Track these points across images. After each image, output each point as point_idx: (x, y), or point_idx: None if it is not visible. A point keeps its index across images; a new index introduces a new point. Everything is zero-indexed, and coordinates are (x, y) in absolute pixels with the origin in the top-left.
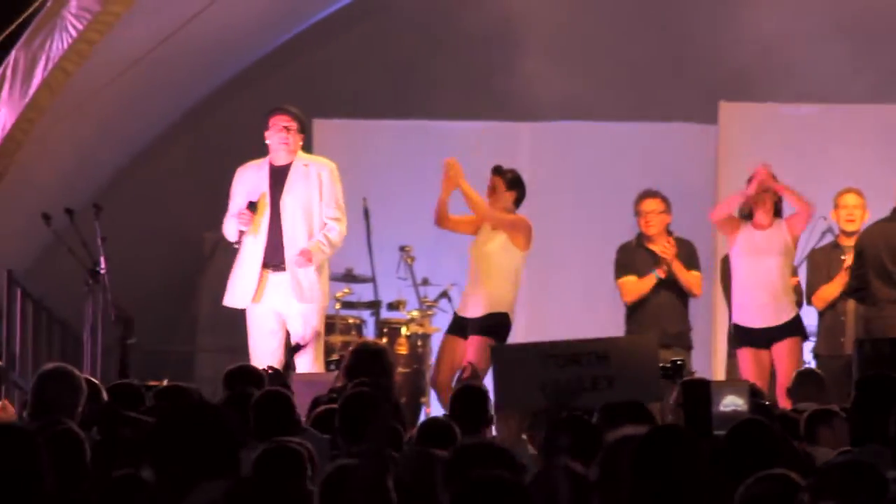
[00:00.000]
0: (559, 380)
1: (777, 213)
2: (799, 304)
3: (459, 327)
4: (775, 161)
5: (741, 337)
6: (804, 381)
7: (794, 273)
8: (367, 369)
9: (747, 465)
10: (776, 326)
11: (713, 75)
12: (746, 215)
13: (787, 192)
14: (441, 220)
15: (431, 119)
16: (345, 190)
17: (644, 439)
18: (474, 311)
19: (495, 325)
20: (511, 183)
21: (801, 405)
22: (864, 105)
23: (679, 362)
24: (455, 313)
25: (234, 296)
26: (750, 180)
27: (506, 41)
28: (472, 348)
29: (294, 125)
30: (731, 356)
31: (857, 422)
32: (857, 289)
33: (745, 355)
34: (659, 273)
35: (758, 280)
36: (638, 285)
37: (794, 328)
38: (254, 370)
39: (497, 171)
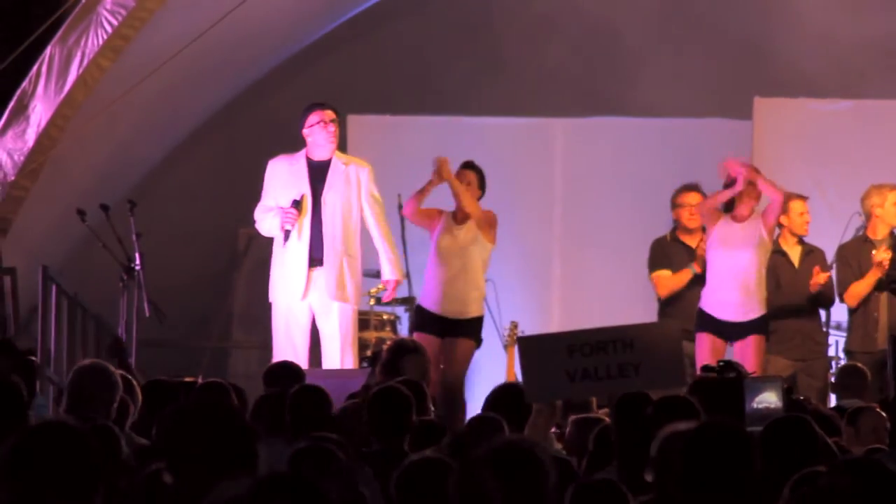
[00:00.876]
0: (587, 368)
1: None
2: (830, 301)
3: (433, 325)
4: (809, 157)
5: (704, 321)
6: (848, 377)
7: (827, 268)
8: (404, 367)
9: (785, 463)
10: (742, 322)
11: (747, 71)
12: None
13: (763, 181)
14: (415, 211)
15: (465, 115)
16: (378, 186)
17: (695, 433)
18: (458, 312)
19: (479, 328)
20: (482, 179)
21: (844, 402)
22: (889, 101)
23: (723, 363)
24: (425, 310)
25: (284, 292)
26: (730, 180)
27: (538, 37)
28: (461, 350)
29: (337, 119)
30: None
31: None
32: (894, 281)
33: (703, 340)
34: (695, 268)
35: (730, 273)
36: (673, 280)
37: (758, 326)
38: (294, 367)
39: (469, 166)
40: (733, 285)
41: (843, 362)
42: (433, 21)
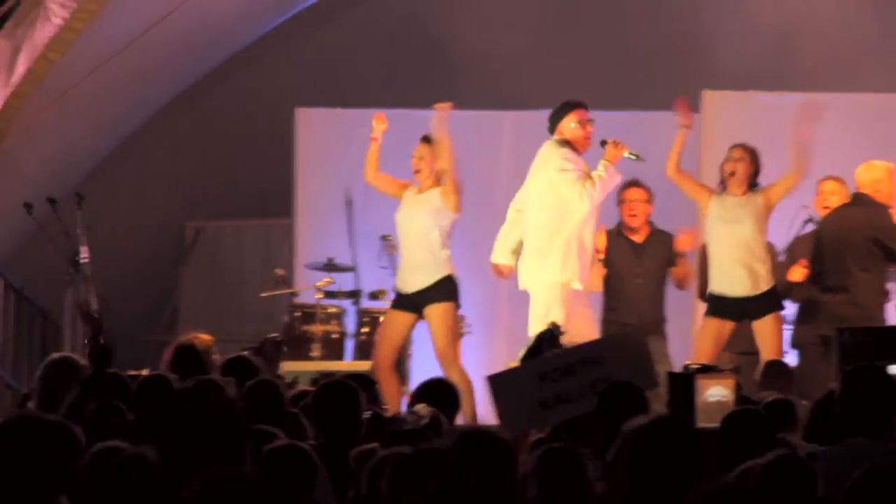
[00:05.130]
0: (559, 393)
1: (751, 186)
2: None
3: (403, 302)
4: (758, 149)
5: (711, 305)
6: (773, 373)
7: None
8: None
9: (739, 455)
10: (750, 297)
11: (695, 64)
12: (722, 185)
13: (802, 145)
14: (375, 175)
15: (415, 108)
16: (328, 179)
17: (642, 429)
18: (423, 280)
19: (452, 288)
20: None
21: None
22: (845, 94)
23: (699, 366)
24: (398, 292)
25: None
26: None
27: (490, 30)
28: (435, 315)
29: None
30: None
31: (844, 414)
32: (817, 274)
33: (709, 325)
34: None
35: (731, 246)
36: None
37: (771, 302)
38: (250, 361)
39: (427, 140)
40: (735, 258)
41: (787, 354)
42: (383, 14)
